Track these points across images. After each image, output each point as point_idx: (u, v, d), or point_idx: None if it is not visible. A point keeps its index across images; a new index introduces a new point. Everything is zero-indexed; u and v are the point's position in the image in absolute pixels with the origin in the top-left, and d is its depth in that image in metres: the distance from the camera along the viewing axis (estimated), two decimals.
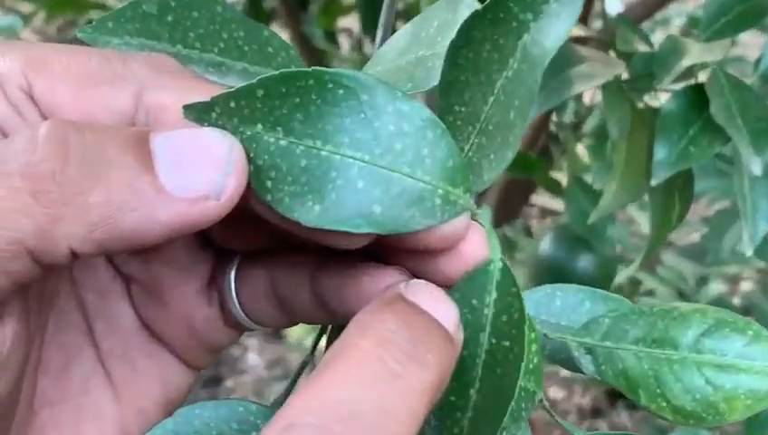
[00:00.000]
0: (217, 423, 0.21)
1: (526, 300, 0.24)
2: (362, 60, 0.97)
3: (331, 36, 1.02)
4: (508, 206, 0.88)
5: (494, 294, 0.20)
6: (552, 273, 0.68)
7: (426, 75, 0.24)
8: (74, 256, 0.18)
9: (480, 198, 0.90)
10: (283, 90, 0.19)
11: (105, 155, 0.18)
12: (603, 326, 0.23)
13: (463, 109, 0.21)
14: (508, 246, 0.80)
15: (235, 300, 0.23)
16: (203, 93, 0.20)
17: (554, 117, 0.78)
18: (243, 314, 0.23)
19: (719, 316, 0.21)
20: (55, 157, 0.18)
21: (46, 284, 0.22)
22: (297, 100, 0.19)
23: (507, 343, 0.19)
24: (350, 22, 1.11)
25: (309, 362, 0.26)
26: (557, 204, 0.94)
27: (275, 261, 0.23)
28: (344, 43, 1.10)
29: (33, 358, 0.21)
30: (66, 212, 0.17)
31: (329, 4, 0.95)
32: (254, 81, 0.19)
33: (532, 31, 0.20)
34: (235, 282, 0.23)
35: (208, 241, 0.24)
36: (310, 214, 0.19)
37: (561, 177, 0.78)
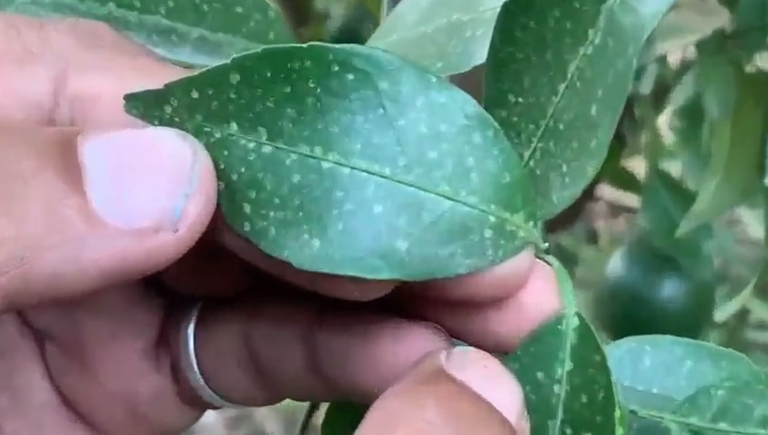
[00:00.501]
0: None
1: None
2: (360, 6, 0.96)
3: None
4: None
5: (569, 365, 0.20)
6: (625, 303, 0.67)
7: (463, 50, 0.24)
8: None
9: None
10: (268, 74, 0.19)
11: (15, 169, 0.18)
12: (716, 400, 0.22)
13: (521, 100, 0.21)
14: (564, 260, 0.80)
15: (195, 366, 0.23)
16: (153, 77, 0.19)
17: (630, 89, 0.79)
18: (206, 387, 0.23)
19: None
20: None
21: None
22: (288, 89, 0.19)
23: (599, 419, 0.20)
24: None
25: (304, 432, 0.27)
26: (632, 199, 0.94)
27: (254, 311, 0.23)
28: None
29: None
30: None
31: None
32: (227, 61, 0.19)
33: None
34: (194, 340, 0.23)
35: (158, 282, 0.24)
36: (306, 252, 0.19)
37: (637, 165, 0.78)
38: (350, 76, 0.19)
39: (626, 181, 0.76)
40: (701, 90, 0.51)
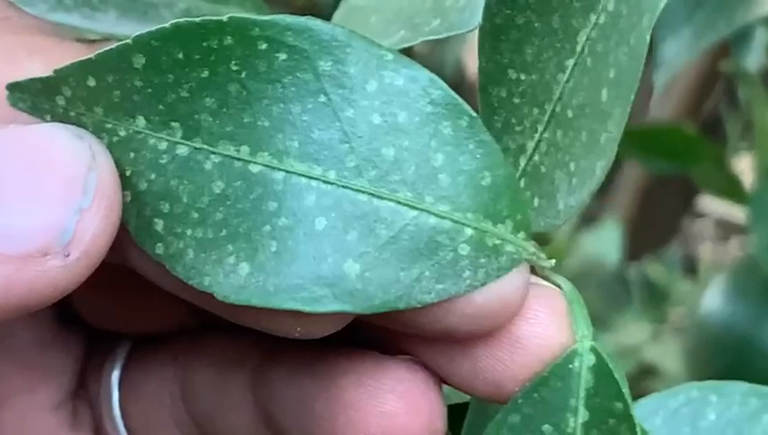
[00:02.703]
0: None
1: (654, 412, 0.24)
2: None
3: None
4: (653, 220, 0.86)
5: (584, 414, 0.20)
6: (726, 348, 0.66)
7: (466, 3, 0.23)
8: None
9: (602, 207, 0.89)
10: (180, 56, 0.19)
11: None
12: None
13: (523, 76, 0.21)
14: (653, 298, 0.79)
15: (120, 423, 0.23)
16: (44, 60, 0.19)
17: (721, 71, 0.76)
18: None
19: None
20: None
21: None
22: (205, 73, 0.19)
23: None
24: None
25: None
26: (737, 214, 0.92)
27: (191, 352, 0.23)
28: None
29: None
30: None
31: None
32: (128, 40, 0.19)
33: None
34: (120, 390, 0.23)
35: (73, 317, 0.24)
36: (231, 280, 0.19)
37: (745, 167, 0.76)
38: (282, 56, 0.19)
39: (731, 189, 0.74)
40: None
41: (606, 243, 0.82)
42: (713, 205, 1.03)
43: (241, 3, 0.26)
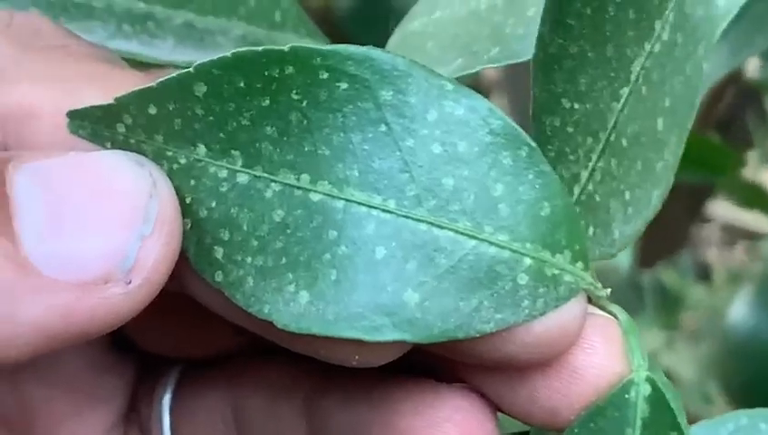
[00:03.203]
0: None
1: None
2: None
3: None
4: (664, 227, 0.86)
5: None
6: (758, 361, 0.66)
7: (525, 32, 0.23)
8: None
9: None
10: (242, 84, 0.19)
11: None
12: None
13: (577, 106, 0.21)
14: (665, 304, 0.79)
15: None
16: (105, 88, 0.19)
17: (749, 68, 0.76)
18: None
19: None
20: None
21: None
22: (266, 102, 0.19)
23: None
24: None
25: None
26: (757, 219, 0.91)
27: (244, 378, 0.23)
28: None
29: None
30: None
31: None
32: (190, 68, 0.19)
33: None
34: (172, 413, 0.23)
35: (126, 342, 0.24)
36: (291, 308, 0.19)
37: (766, 174, 0.76)
38: (344, 85, 0.19)
39: (751, 196, 0.74)
40: None
41: (617, 309, 0.83)
42: (719, 210, 1.03)
43: (296, 29, 0.26)
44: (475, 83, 1.03)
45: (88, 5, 0.25)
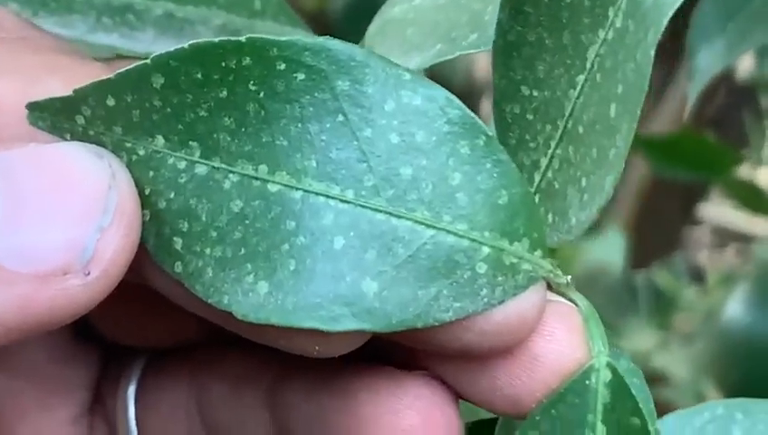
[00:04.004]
0: None
1: (677, 430, 0.24)
2: None
3: None
4: (657, 228, 0.86)
5: (601, 429, 0.20)
6: (752, 358, 0.66)
7: (486, 24, 0.23)
8: None
9: (606, 215, 0.89)
10: (199, 75, 0.19)
11: None
12: None
13: (536, 93, 0.21)
14: (659, 305, 0.79)
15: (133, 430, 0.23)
16: (65, 80, 0.19)
17: (740, 68, 0.77)
18: None
19: None
20: None
21: None
22: (224, 93, 0.19)
23: None
24: None
25: None
26: (748, 220, 0.91)
27: (208, 367, 0.23)
28: None
29: None
30: None
31: None
32: (147, 60, 0.19)
33: None
34: (136, 404, 0.23)
35: (89, 333, 0.24)
36: (250, 298, 0.19)
37: (760, 174, 0.76)
38: (301, 76, 0.19)
39: (747, 196, 0.74)
40: None
41: (610, 251, 0.82)
42: (710, 212, 1.03)
43: (275, 17, 0.26)
44: (469, 86, 1.03)
45: (68, 0, 0.25)
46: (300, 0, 0.99)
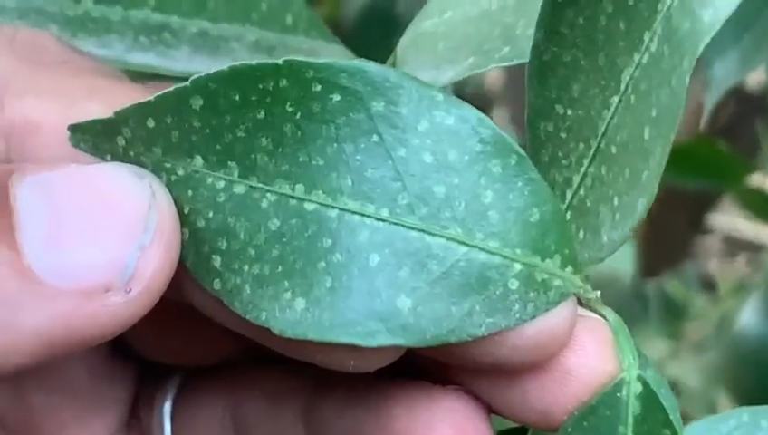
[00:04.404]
0: None
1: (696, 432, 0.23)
2: None
3: None
4: (667, 238, 0.86)
5: None
6: (764, 368, 0.65)
7: (522, 39, 0.24)
8: None
9: None
10: (237, 97, 0.19)
11: None
12: None
13: (570, 112, 0.21)
14: (669, 313, 0.79)
15: None
16: (105, 102, 0.20)
17: (751, 80, 0.76)
18: None
19: None
20: None
21: None
22: (261, 114, 0.19)
23: None
24: None
25: None
26: (758, 228, 0.91)
27: (243, 384, 0.23)
28: None
29: None
30: None
31: None
32: (187, 82, 0.19)
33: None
34: (172, 421, 0.24)
35: (127, 351, 0.24)
36: (287, 315, 0.19)
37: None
38: (336, 97, 0.19)
39: (759, 205, 0.74)
40: None
41: (620, 259, 0.82)
42: (720, 221, 1.02)
43: (307, 32, 0.26)
44: (479, 96, 1.03)
45: (105, 19, 0.25)
46: (313, 8, 0.99)
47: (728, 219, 0.97)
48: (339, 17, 0.95)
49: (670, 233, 0.87)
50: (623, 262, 0.82)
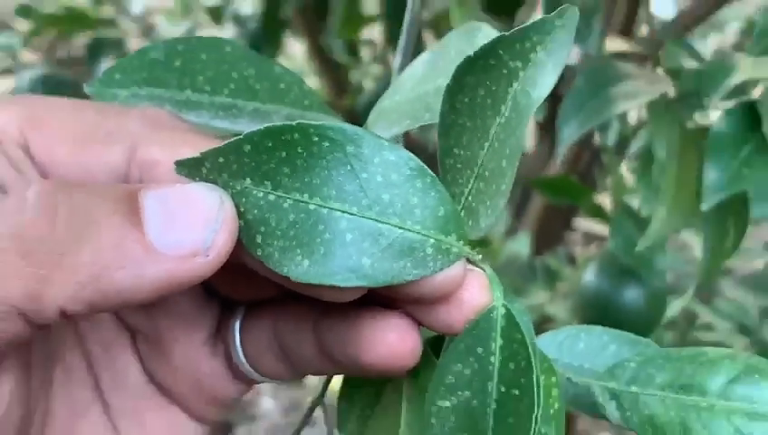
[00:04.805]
0: None
1: (545, 342, 0.24)
2: (386, 73, 0.93)
3: (353, 49, 0.97)
4: (549, 232, 0.86)
5: (500, 341, 0.20)
6: (597, 306, 0.65)
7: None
8: (65, 315, 0.18)
9: (519, 224, 0.89)
10: (269, 144, 0.19)
11: (94, 215, 0.18)
12: (629, 370, 0.22)
13: (462, 152, 0.21)
14: (549, 277, 0.79)
15: (240, 352, 0.23)
16: (195, 148, 0.20)
17: (597, 138, 0.76)
18: (248, 367, 0.23)
19: (750, 362, 0.21)
20: (44, 218, 0.18)
21: (48, 339, 0.22)
22: (283, 153, 0.19)
23: (517, 392, 0.19)
24: (373, 33, 1.02)
25: (319, 404, 0.26)
26: (602, 228, 0.92)
27: (279, 312, 0.23)
28: (366, 55, 1.03)
29: (39, 415, 0.22)
30: (54, 272, 0.18)
31: (350, 14, 0.87)
32: (241, 136, 0.19)
33: (521, 79, 0.20)
34: (240, 333, 0.23)
35: (213, 292, 0.24)
36: (299, 269, 0.19)
37: (606, 200, 0.77)
38: (326, 143, 0.19)
39: (597, 213, 0.74)
40: (652, 139, 0.50)
41: (521, 245, 0.82)
42: (581, 223, 1.02)
43: (318, 109, 0.26)
44: (435, 148, 1.02)
45: (198, 101, 0.24)
46: (340, 100, 0.97)
47: (585, 222, 0.97)
48: (354, 105, 0.94)
49: (550, 230, 0.87)
50: (523, 246, 0.81)
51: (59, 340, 0.23)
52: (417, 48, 0.31)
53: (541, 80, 0.20)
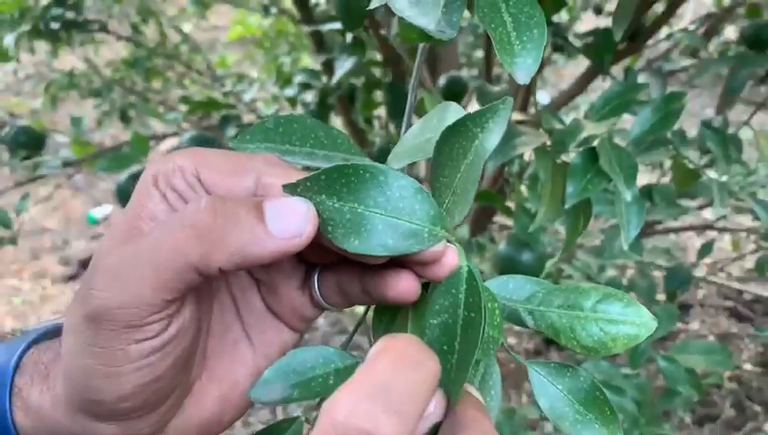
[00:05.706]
0: (311, 359, 0.21)
1: (491, 285, 0.23)
2: (387, 136, 0.94)
3: (369, 121, 1.00)
4: (479, 223, 0.85)
5: (464, 286, 0.19)
6: (507, 264, 0.65)
7: (431, 149, 0.22)
8: (222, 271, 0.18)
9: (464, 219, 0.88)
10: (335, 175, 0.18)
11: (238, 215, 0.18)
12: (538, 298, 0.22)
13: (445, 179, 0.20)
14: (479, 250, 0.78)
15: (317, 292, 0.23)
16: (294, 177, 0.19)
17: (507, 169, 0.76)
18: (322, 301, 0.23)
19: (607, 291, 0.21)
20: (210, 216, 0.18)
21: (210, 286, 0.22)
22: (344, 180, 0.18)
23: (473, 314, 0.19)
24: (380, 111, 1.06)
25: (361, 324, 0.25)
26: (509, 221, 0.92)
27: (340, 269, 0.22)
28: (376, 124, 1.07)
29: (204, 328, 0.22)
30: (216, 247, 0.18)
31: (367, 101, 0.92)
32: (319, 170, 0.18)
33: (480, 138, 0.19)
34: (318, 281, 0.23)
35: (302, 259, 0.23)
36: (352, 245, 0.18)
37: (512, 204, 0.77)
38: (368, 174, 0.18)
39: (507, 212, 0.74)
40: (537, 169, 0.50)
41: (464, 231, 0.81)
42: (499, 218, 1.02)
43: (360, 154, 0.24)
44: (425, 176, 1.00)
45: (292, 150, 0.23)
46: (363, 149, 0.96)
47: (500, 217, 0.97)
48: (371, 152, 0.89)
49: (481, 222, 0.86)
50: (464, 232, 0.81)
51: (215, 287, 0.22)
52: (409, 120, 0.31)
53: (490, 138, 0.20)
